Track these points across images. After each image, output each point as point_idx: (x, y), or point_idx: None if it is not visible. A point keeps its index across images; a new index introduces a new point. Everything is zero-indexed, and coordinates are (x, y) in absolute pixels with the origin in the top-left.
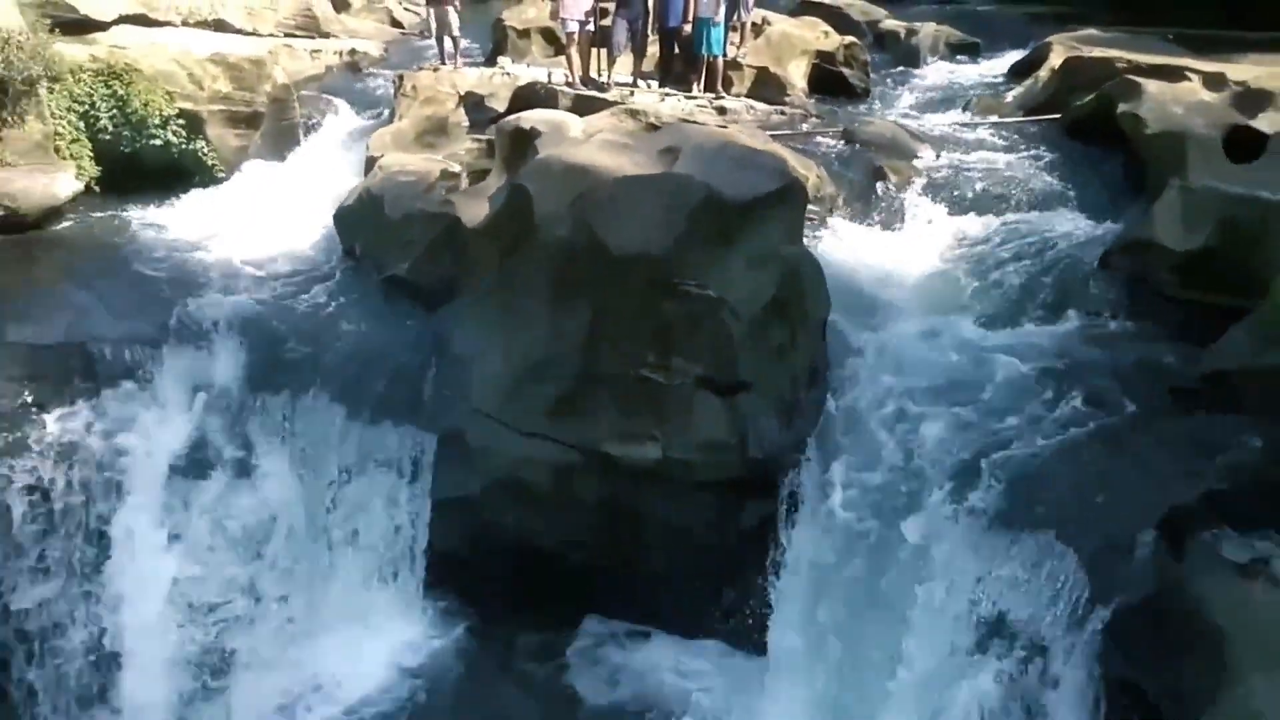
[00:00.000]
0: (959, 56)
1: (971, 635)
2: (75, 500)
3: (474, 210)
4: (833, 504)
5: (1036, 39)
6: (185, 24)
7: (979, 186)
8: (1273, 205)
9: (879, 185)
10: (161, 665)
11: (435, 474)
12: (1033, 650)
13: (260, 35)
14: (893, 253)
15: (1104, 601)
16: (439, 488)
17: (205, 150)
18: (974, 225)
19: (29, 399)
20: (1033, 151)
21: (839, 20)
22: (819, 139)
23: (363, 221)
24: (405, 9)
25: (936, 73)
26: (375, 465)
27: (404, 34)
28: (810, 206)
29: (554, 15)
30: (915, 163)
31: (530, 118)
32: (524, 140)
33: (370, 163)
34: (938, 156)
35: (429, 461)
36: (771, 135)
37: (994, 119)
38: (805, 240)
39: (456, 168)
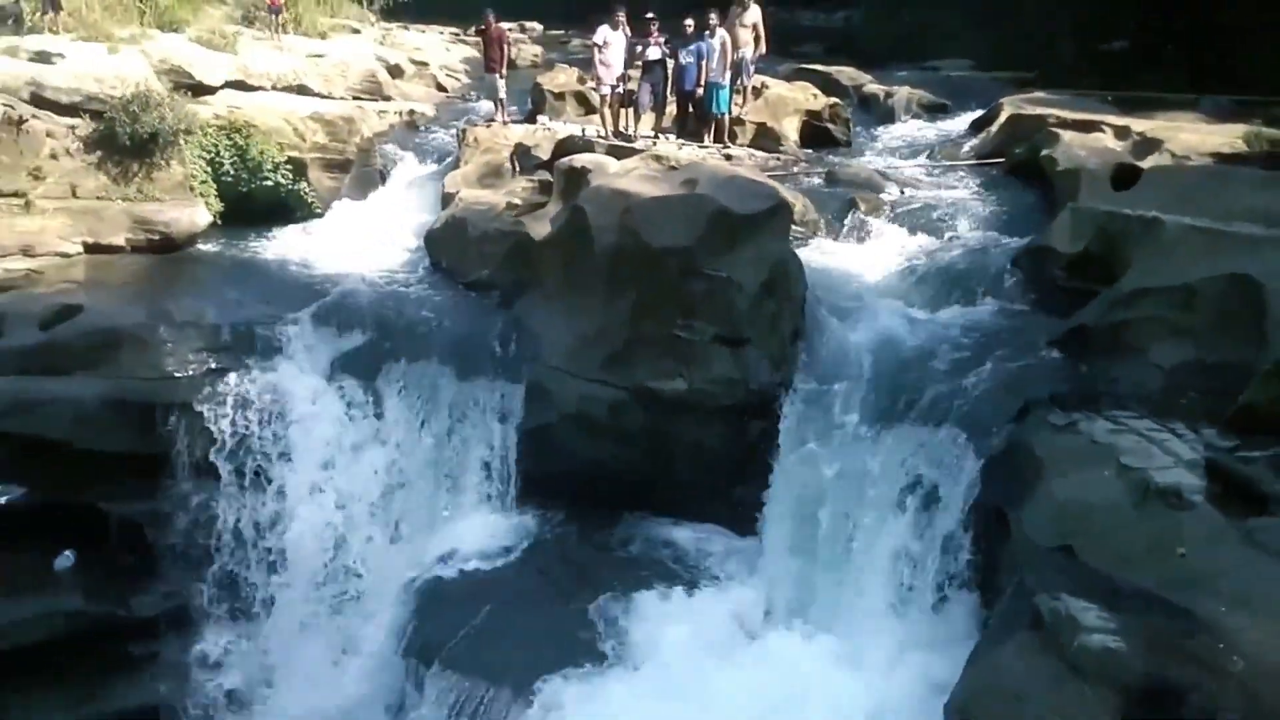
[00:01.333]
0: (930, 115)
1: (898, 491)
2: (252, 432)
3: (539, 229)
4: (807, 424)
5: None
6: (274, 88)
7: (930, 213)
8: (1132, 218)
9: (852, 212)
10: (311, 551)
11: (522, 413)
12: (934, 493)
13: (334, 98)
14: (858, 259)
15: (979, 457)
16: (525, 422)
17: (307, 190)
18: (922, 240)
19: (214, 365)
20: (977, 188)
21: (830, 84)
22: (806, 178)
23: (448, 240)
24: (447, 76)
25: (909, 128)
26: (475, 408)
27: (449, 97)
28: (797, 227)
29: (582, 81)
30: (882, 196)
31: (580, 159)
32: (576, 175)
33: (448, 197)
34: (901, 192)
35: (516, 405)
36: (769, 175)
37: (951, 164)
38: (792, 246)
39: (518, 200)
